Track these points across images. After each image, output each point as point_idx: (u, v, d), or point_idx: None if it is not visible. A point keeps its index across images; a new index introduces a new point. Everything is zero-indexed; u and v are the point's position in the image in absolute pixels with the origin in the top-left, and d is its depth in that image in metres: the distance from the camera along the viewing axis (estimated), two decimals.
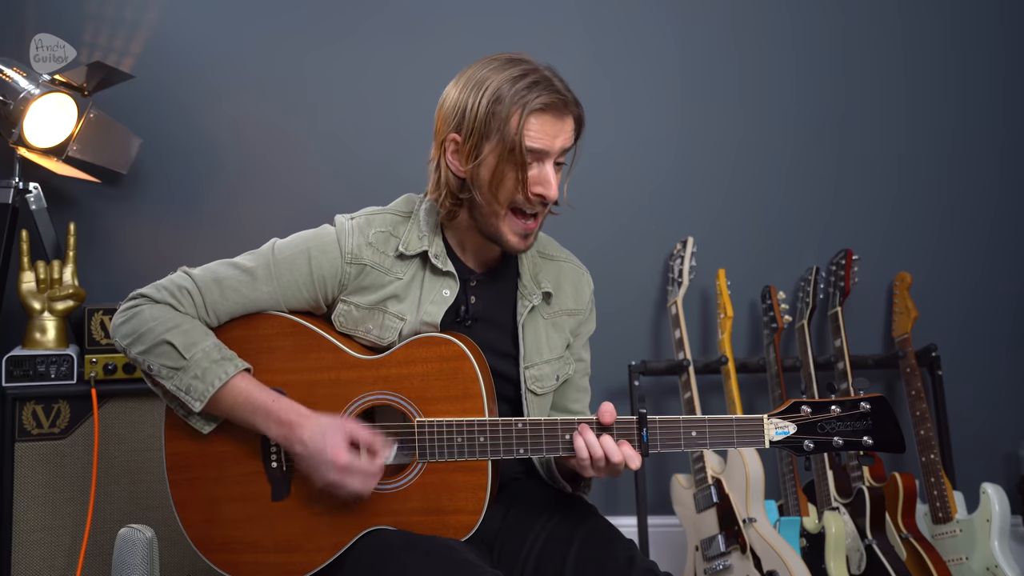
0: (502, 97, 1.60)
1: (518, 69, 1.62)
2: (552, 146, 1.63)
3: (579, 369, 1.87)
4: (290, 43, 2.79)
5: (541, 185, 1.64)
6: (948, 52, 2.99)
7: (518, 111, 1.59)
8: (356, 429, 1.58)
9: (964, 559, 2.59)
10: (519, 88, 1.60)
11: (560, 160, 1.67)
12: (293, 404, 1.62)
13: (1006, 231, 3.02)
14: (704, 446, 1.58)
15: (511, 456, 1.59)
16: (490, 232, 1.68)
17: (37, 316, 2.40)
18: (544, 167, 1.64)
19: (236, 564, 1.68)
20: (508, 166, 1.61)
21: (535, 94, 1.60)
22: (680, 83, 2.94)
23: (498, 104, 1.60)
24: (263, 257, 1.70)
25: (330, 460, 1.55)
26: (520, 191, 1.63)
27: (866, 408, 1.56)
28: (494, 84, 1.61)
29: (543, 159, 1.63)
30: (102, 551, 2.29)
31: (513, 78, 1.61)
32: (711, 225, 2.93)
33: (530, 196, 1.64)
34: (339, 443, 1.56)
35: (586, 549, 1.62)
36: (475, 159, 1.63)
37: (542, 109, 1.60)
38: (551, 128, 1.62)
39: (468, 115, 1.63)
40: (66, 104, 2.46)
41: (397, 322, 1.69)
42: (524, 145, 1.60)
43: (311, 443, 1.57)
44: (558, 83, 1.64)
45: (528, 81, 1.60)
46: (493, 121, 1.60)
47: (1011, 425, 2.99)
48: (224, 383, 1.61)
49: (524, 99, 1.59)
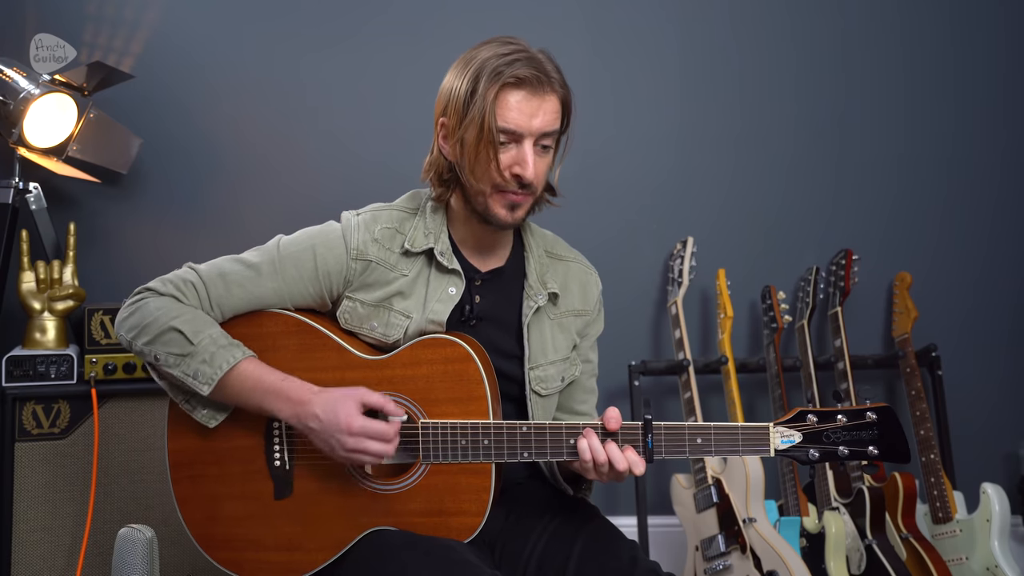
0: (481, 74, 1.59)
1: (506, 48, 1.61)
2: (529, 126, 1.60)
3: (586, 370, 1.87)
4: (290, 43, 2.79)
5: (518, 165, 1.61)
6: (948, 52, 3.00)
7: (494, 86, 1.57)
8: (367, 394, 1.57)
9: (964, 559, 2.59)
10: (499, 64, 1.58)
11: (545, 143, 1.64)
12: (303, 383, 1.61)
13: (1006, 231, 3.02)
14: (709, 453, 1.57)
15: (515, 459, 1.59)
16: (480, 210, 1.66)
17: (37, 316, 2.40)
18: (522, 147, 1.61)
19: (238, 562, 1.68)
20: (482, 143, 1.59)
21: (512, 68, 1.57)
22: (680, 82, 2.94)
23: (477, 81, 1.59)
24: (268, 253, 1.69)
25: (345, 427, 1.54)
26: (495, 170, 1.60)
27: (872, 418, 1.55)
28: (478, 62, 1.60)
29: (520, 139, 1.61)
30: (102, 551, 2.29)
31: (498, 55, 1.59)
32: (711, 225, 2.93)
33: (505, 175, 1.61)
34: (352, 410, 1.55)
35: (589, 550, 1.62)
36: (457, 137, 1.62)
37: (515, 84, 1.58)
38: (527, 106, 1.59)
39: (453, 95, 1.62)
40: (66, 104, 2.46)
41: (403, 320, 1.68)
42: (496, 122, 1.58)
43: (324, 415, 1.55)
44: (547, 64, 1.62)
45: (510, 59, 1.58)
46: (472, 99, 1.59)
47: (1011, 425, 3.00)
48: (232, 366, 1.60)
49: (500, 74, 1.57)
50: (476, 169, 1.62)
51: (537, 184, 1.65)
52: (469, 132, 1.60)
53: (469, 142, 1.61)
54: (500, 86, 1.58)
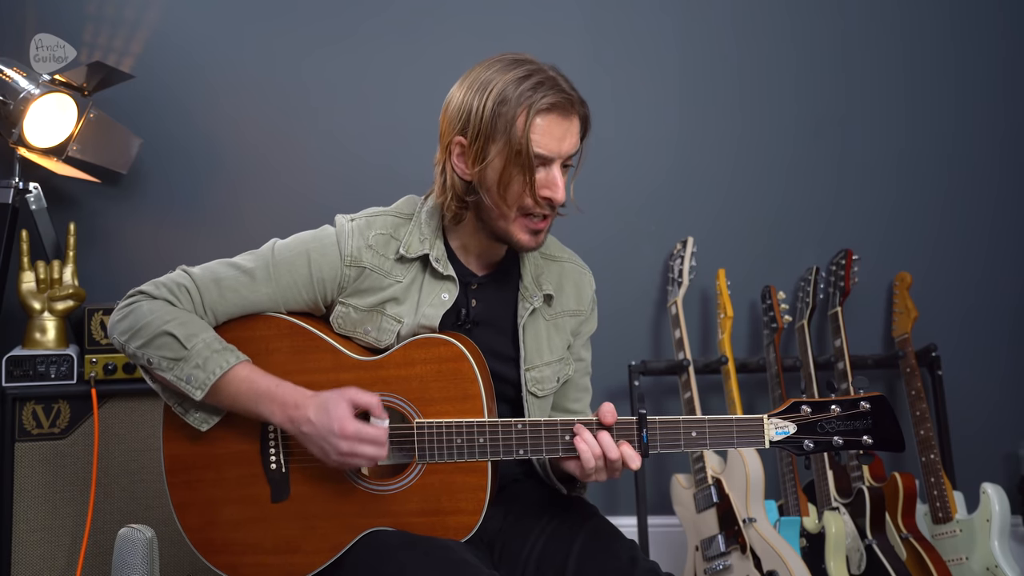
0: (507, 98, 1.58)
1: (523, 69, 1.61)
2: (559, 149, 1.61)
3: (579, 369, 1.87)
4: (290, 43, 2.79)
5: (548, 188, 1.62)
6: (948, 51, 2.99)
7: (524, 112, 1.58)
8: (357, 394, 1.57)
9: (964, 559, 2.59)
10: (525, 88, 1.58)
11: (568, 163, 1.66)
12: (296, 387, 1.61)
13: (1006, 231, 3.02)
14: (704, 446, 1.58)
15: (511, 457, 1.59)
16: (499, 233, 1.67)
17: (37, 316, 2.40)
18: (551, 170, 1.62)
19: (237, 566, 1.68)
20: (515, 168, 1.60)
21: (541, 94, 1.58)
22: (680, 83, 2.94)
23: (503, 105, 1.58)
24: (263, 258, 1.69)
25: (338, 431, 1.54)
26: (528, 194, 1.61)
27: (866, 407, 1.56)
28: (499, 85, 1.60)
29: (549, 163, 1.62)
30: (102, 551, 2.29)
31: (519, 78, 1.59)
32: (711, 225, 2.93)
33: (538, 199, 1.63)
34: (344, 414, 1.55)
35: (588, 549, 1.62)
36: (482, 162, 1.62)
37: (548, 109, 1.59)
38: (557, 130, 1.61)
39: (473, 117, 1.61)
40: (66, 104, 2.47)
41: (395, 324, 1.68)
42: (532, 148, 1.59)
43: (317, 419, 1.56)
44: (563, 83, 1.62)
45: (534, 81, 1.59)
46: (499, 122, 1.59)
47: (1011, 425, 2.99)
48: (226, 371, 1.60)
49: (530, 100, 1.58)
50: (507, 195, 1.62)
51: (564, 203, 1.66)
52: (498, 159, 1.61)
53: (497, 168, 1.61)
54: (534, 112, 1.58)
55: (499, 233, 1.67)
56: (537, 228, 1.66)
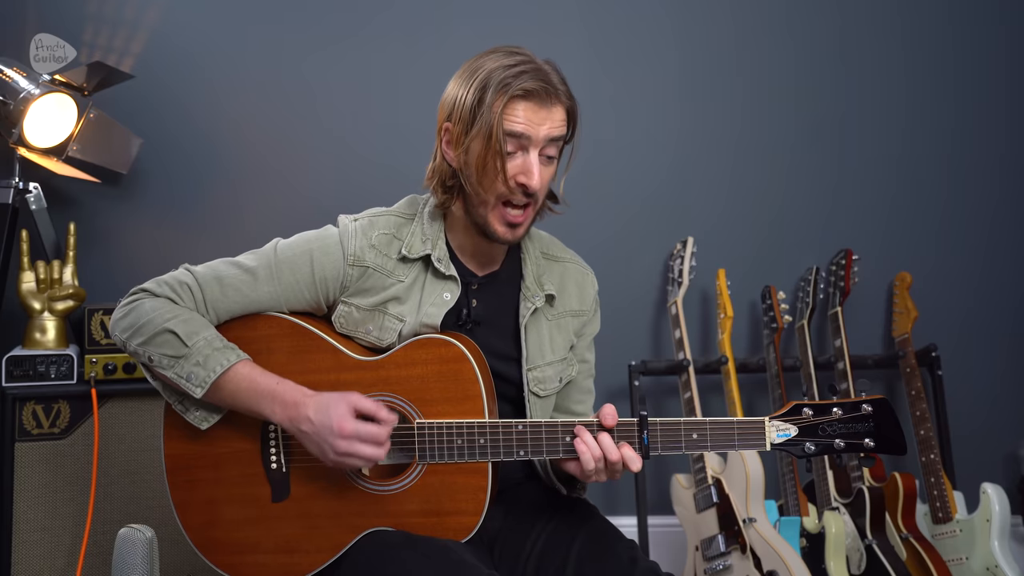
0: (489, 83, 1.59)
1: (512, 59, 1.61)
2: (535, 133, 1.60)
3: (583, 370, 1.87)
4: (291, 43, 2.79)
5: (524, 174, 1.62)
6: (948, 52, 2.99)
7: (501, 96, 1.58)
8: (359, 400, 1.57)
9: (964, 559, 2.59)
10: (507, 75, 1.59)
11: (549, 153, 1.65)
12: (297, 386, 1.61)
13: (1006, 231, 3.02)
14: (705, 448, 1.57)
15: (511, 458, 1.59)
16: (480, 223, 1.67)
17: (37, 316, 2.40)
18: (528, 156, 1.62)
19: (237, 565, 1.68)
20: (489, 152, 1.60)
21: (520, 80, 1.58)
22: (680, 82, 2.94)
23: (484, 91, 1.59)
24: (265, 257, 1.69)
25: (336, 430, 1.54)
26: (501, 179, 1.61)
27: (868, 410, 1.55)
28: (485, 72, 1.60)
29: (526, 147, 1.62)
30: (102, 551, 2.29)
31: (505, 66, 1.60)
32: (711, 225, 2.93)
33: (511, 184, 1.62)
34: (344, 413, 1.55)
35: (587, 549, 1.62)
36: (463, 145, 1.63)
37: (523, 95, 1.59)
38: (534, 115, 1.60)
39: (458, 102, 1.63)
40: (66, 104, 2.46)
41: (397, 323, 1.68)
42: (503, 129, 1.59)
43: (316, 418, 1.56)
44: (552, 75, 1.62)
45: (517, 70, 1.59)
46: (479, 108, 1.60)
47: (1011, 425, 2.99)
48: (227, 369, 1.60)
49: (508, 84, 1.58)
50: (483, 179, 1.63)
51: (540, 193, 1.66)
52: (476, 142, 1.61)
53: (476, 152, 1.62)
54: (508, 98, 1.58)
55: (480, 223, 1.67)
56: (514, 221, 1.66)
